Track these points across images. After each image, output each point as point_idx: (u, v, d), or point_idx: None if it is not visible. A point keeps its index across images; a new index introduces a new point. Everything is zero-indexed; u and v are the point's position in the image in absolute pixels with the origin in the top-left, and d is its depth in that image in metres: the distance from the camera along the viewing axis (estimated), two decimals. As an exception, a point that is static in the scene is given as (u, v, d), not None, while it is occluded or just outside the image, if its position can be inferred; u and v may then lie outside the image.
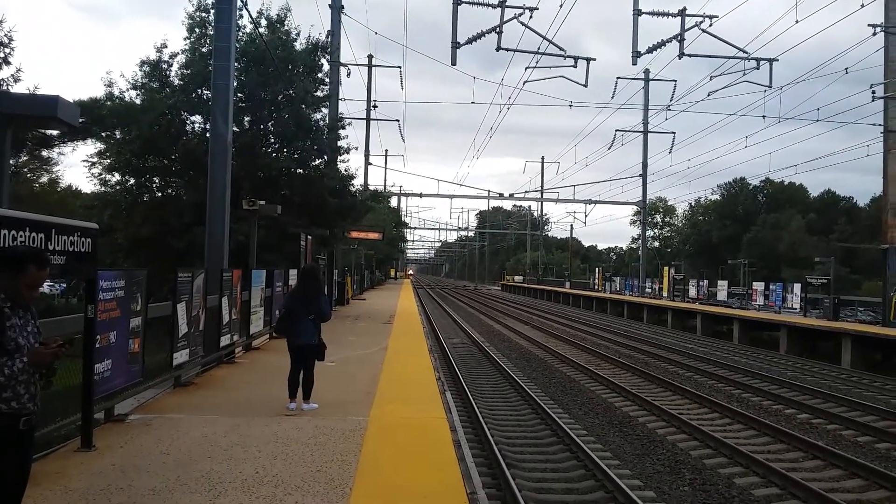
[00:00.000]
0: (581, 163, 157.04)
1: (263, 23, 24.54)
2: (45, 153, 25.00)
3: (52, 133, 19.26)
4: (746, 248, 79.81)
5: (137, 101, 21.88)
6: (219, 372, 12.19)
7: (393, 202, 70.71)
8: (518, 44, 25.92)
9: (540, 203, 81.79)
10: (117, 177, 22.87)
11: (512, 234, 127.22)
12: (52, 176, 32.59)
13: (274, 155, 24.48)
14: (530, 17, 22.36)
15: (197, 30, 23.01)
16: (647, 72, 48.22)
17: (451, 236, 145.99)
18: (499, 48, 23.05)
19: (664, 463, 10.59)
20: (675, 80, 35.17)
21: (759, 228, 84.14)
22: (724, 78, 28.44)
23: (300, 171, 24.86)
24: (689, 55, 25.35)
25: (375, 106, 43.76)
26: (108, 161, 22.55)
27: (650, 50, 24.79)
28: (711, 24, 24.35)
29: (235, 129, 19.78)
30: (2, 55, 17.69)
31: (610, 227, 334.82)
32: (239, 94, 21.84)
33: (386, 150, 58.93)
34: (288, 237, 22.36)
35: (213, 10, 19.18)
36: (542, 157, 78.10)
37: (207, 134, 17.89)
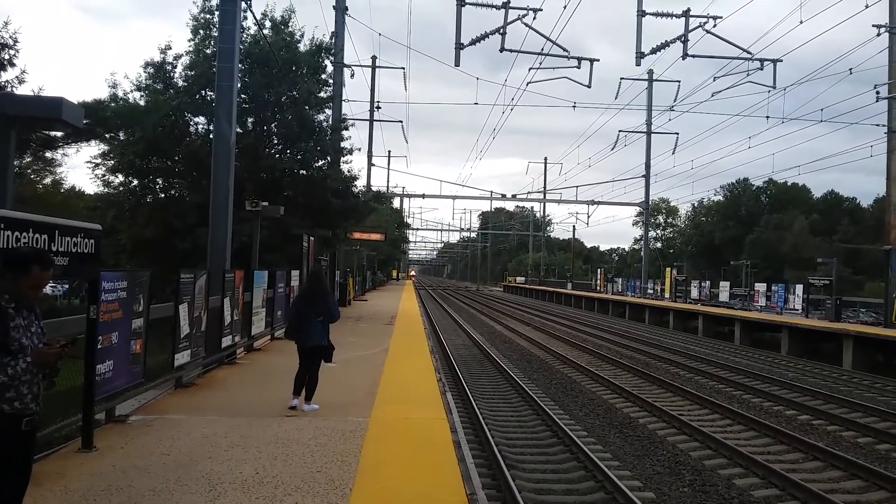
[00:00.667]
0: (584, 164, 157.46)
1: (267, 24, 24.63)
2: (49, 154, 25.15)
3: (56, 134, 19.36)
4: (749, 249, 79.67)
5: (141, 102, 21.99)
6: (220, 373, 12.23)
7: (395, 203, 70.84)
8: (522, 45, 25.89)
9: (542, 204, 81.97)
10: (121, 178, 22.99)
11: (514, 235, 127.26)
12: (56, 177, 32.80)
13: (277, 156, 24.54)
14: (534, 18, 22.39)
15: (201, 31, 23.09)
16: (650, 72, 48.16)
17: (454, 237, 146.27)
18: (502, 49, 23.05)
19: (664, 464, 10.62)
20: (679, 81, 35.22)
21: (762, 229, 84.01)
22: (727, 79, 28.47)
23: (303, 172, 24.92)
24: (693, 56, 25.34)
25: (379, 107, 43.87)
26: (111, 162, 22.66)
27: (654, 51, 24.78)
28: (715, 25, 24.33)
29: (239, 130, 19.85)
30: (6, 57, 17.81)
31: (612, 227, 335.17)
32: (242, 96, 21.89)
33: (389, 151, 59.13)
34: (290, 238, 22.41)
35: (217, 12, 19.27)
36: (545, 158, 78.34)
37: (211, 135, 17.97)
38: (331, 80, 27.58)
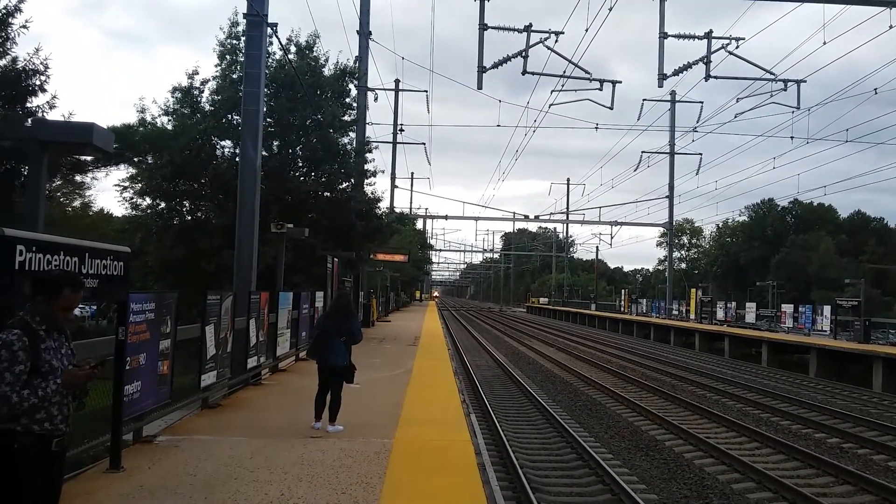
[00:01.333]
0: (607, 184, 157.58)
1: (293, 49, 24.96)
2: (79, 178, 25.52)
3: (86, 158, 19.67)
4: (775, 270, 78.81)
5: (169, 126, 22.31)
6: (245, 394, 12.30)
7: (419, 224, 71.03)
8: (544, 67, 26.06)
9: (565, 225, 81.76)
10: (148, 201, 23.28)
11: (537, 255, 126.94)
12: (85, 200, 33.28)
13: (302, 179, 24.77)
14: (556, 41, 22.51)
15: (227, 57, 23.43)
16: (673, 93, 48.16)
17: (477, 258, 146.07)
18: (524, 72, 23.16)
19: (691, 487, 10.49)
20: (702, 102, 35.10)
21: (788, 250, 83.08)
22: (751, 99, 28.40)
23: (328, 194, 25.12)
24: (716, 77, 25.28)
25: (402, 129, 44.21)
26: (139, 185, 22.97)
27: (676, 72, 24.76)
28: (738, 47, 24.27)
29: (264, 153, 20.07)
30: (37, 83, 18.12)
31: (636, 248, 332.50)
32: (268, 119, 22.16)
33: (412, 173, 59.21)
34: (315, 260, 22.54)
35: (243, 38, 19.55)
36: (568, 179, 78.13)
37: (237, 158, 18.16)
38: (355, 104, 27.82)
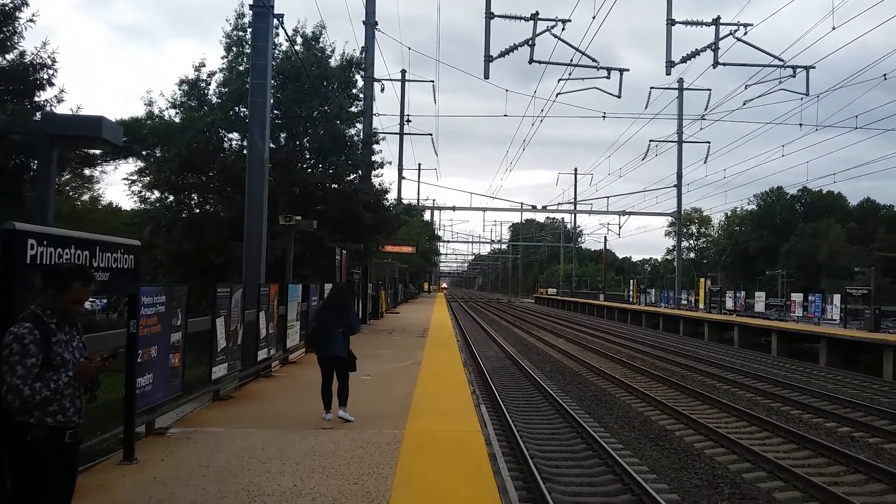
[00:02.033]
0: (615, 174, 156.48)
1: (299, 40, 24.87)
2: (88, 171, 25.56)
3: (95, 152, 19.68)
4: (784, 259, 78.60)
5: (176, 119, 22.30)
6: (256, 385, 12.34)
7: (426, 216, 70.94)
8: (551, 56, 26.03)
9: (573, 215, 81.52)
10: (157, 194, 23.29)
11: (545, 246, 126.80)
12: (94, 193, 33.37)
13: (309, 170, 24.73)
14: (563, 29, 22.49)
15: (234, 49, 23.38)
16: (681, 81, 47.88)
17: (485, 249, 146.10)
18: (531, 61, 23.14)
19: (702, 477, 10.48)
20: (710, 90, 35.09)
21: (797, 238, 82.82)
22: (759, 86, 28.31)
23: (335, 185, 25.09)
24: (724, 64, 25.18)
25: (409, 120, 44.12)
26: (147, 179, 22.98)
27: (684, 59, 24.67)
28: (746, 33, 24.18)
29: (272, 145, 20.04)
30: (45, 77, 18.11)
31: (644, 238, 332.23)
32: (275, 111, 22.11)
33: (419, 164, 59.09)
34: (323, 252, 22.56)
35: (249, 30, 19.52)
36: (575, 169, 77.93)
37: (245, 151, 18.16)
38: (361, 95, 27.74)
